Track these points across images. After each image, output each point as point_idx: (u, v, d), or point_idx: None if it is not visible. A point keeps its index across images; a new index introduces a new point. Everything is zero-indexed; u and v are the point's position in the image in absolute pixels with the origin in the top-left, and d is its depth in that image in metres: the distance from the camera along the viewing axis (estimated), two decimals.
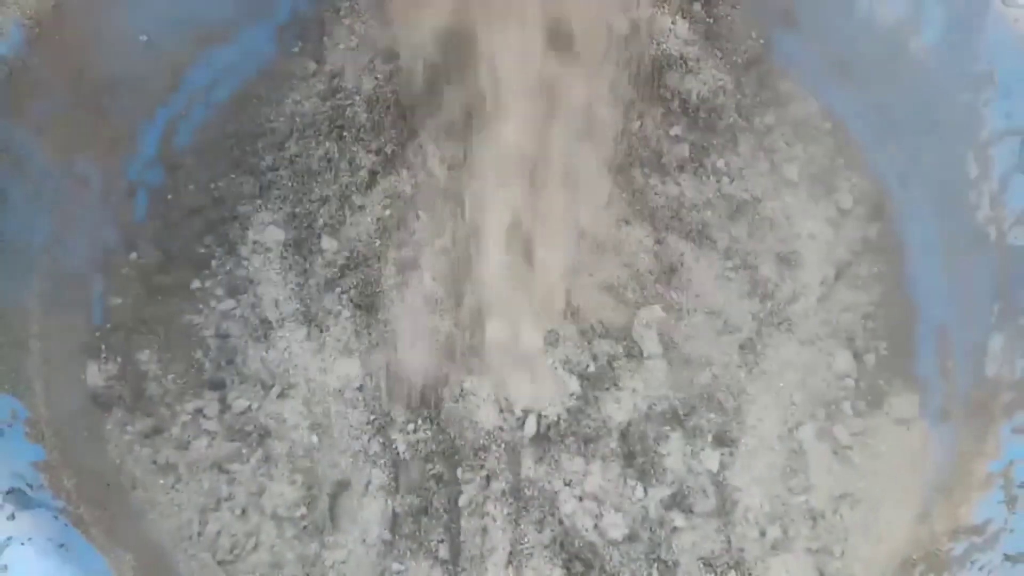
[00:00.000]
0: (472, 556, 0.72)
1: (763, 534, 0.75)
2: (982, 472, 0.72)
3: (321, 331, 0.81)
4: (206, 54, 0.88)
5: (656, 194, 0.89)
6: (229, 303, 0.82)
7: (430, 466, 0.76)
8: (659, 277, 0.85)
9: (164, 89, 0.86)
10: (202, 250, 0.84)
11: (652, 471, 0.76)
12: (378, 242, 0.85)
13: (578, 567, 0.72)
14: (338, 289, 0.83)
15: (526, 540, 0.72)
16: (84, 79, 0.78)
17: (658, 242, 0.86)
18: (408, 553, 0.73)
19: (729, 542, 0.75)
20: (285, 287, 0.83)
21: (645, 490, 0.75)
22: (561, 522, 0.73)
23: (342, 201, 0.87)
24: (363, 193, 0.87)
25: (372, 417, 0.78)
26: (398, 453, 0.76)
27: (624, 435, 0.77)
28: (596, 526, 0.73)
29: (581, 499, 0.74)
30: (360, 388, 0.79)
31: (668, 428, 0.78)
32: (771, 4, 0.93)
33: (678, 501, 0.76)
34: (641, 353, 0.81)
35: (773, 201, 0.90)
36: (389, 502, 0.74)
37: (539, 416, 0.76)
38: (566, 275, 0.82)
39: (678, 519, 0.75)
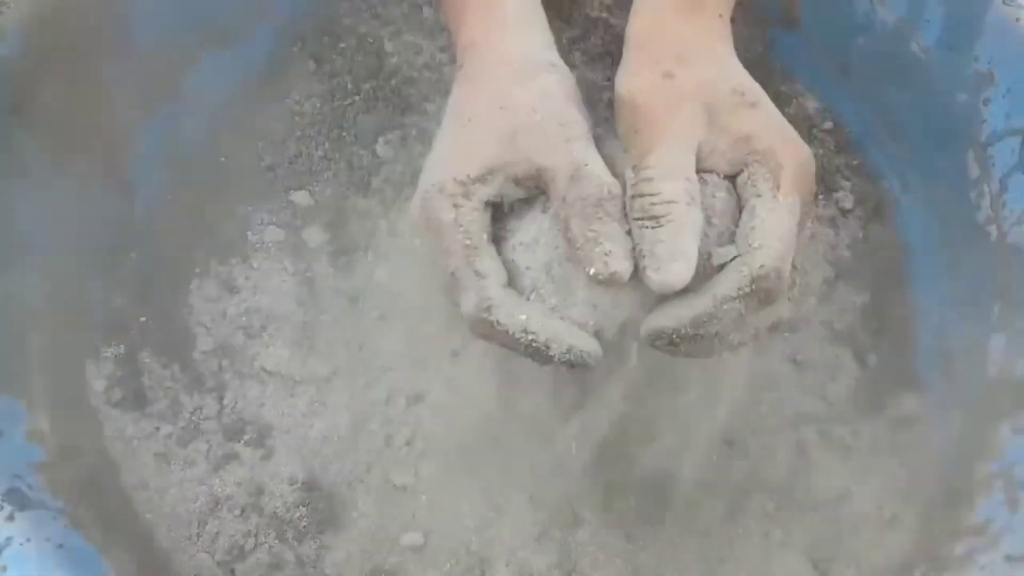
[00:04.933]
0: None
1: (766, 535, 0.75)
2: (983, 472, 0.72)
3: (319, 330, 0.81)
4: (206, 54, 0.88)
5: None
6: (229, 303, 0.82)
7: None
8: None
9: (164, 89, 0.86)
10: (202, 250, 0.84)
11: None
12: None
13: None
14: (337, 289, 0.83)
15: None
16: (85, 80, 0.78)
17: None
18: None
19: (731, 542, 0.75)
20: (284, 287, 0.83)
21: None
22: None
23: (341, 202, 0.87)
24: (363, 194, 0.87)
25: None
26: (397, 452, 0.76)
27: None
28: None
29: None
30: None
31: None
32: (772, 4, 0.93)
33: None
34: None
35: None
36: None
37: None
38: None
39: None
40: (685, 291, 0.54)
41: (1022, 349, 0.74)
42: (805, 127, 0.93)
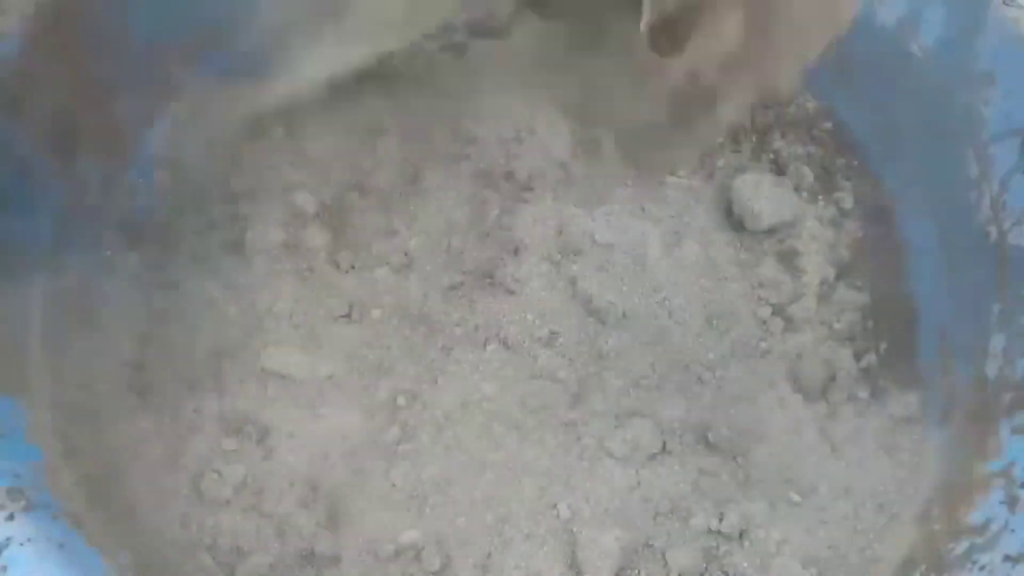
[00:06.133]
0: None
1: (765, 535, 0.75)
2: (982, 472, 0.72)
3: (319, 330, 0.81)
4: (206, 54, 0.88)
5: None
6: (229, 303, 0.82)
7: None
8: None
9: (164, 89, 0.86)
10: (202, 250, 0.84)
11: None
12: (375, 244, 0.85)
13: None
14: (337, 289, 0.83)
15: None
16: (84, 79, 0.78)
17: None
18: None
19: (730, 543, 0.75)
20: (284, 287, 0.83)
21: None
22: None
23: (341, 202, 0.87)
24: (363, 194, 0.87)
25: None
26: (396, 451, 0.76)
27: None
28: None
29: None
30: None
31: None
32: None
33: None
34: None
35: None
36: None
37: None
38: None
39: None
40: None
41: (1022, 349, 0.74)
42: (805, 127, 0.93)
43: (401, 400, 0.78)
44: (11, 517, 0.59)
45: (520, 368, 0.79)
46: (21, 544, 0.58)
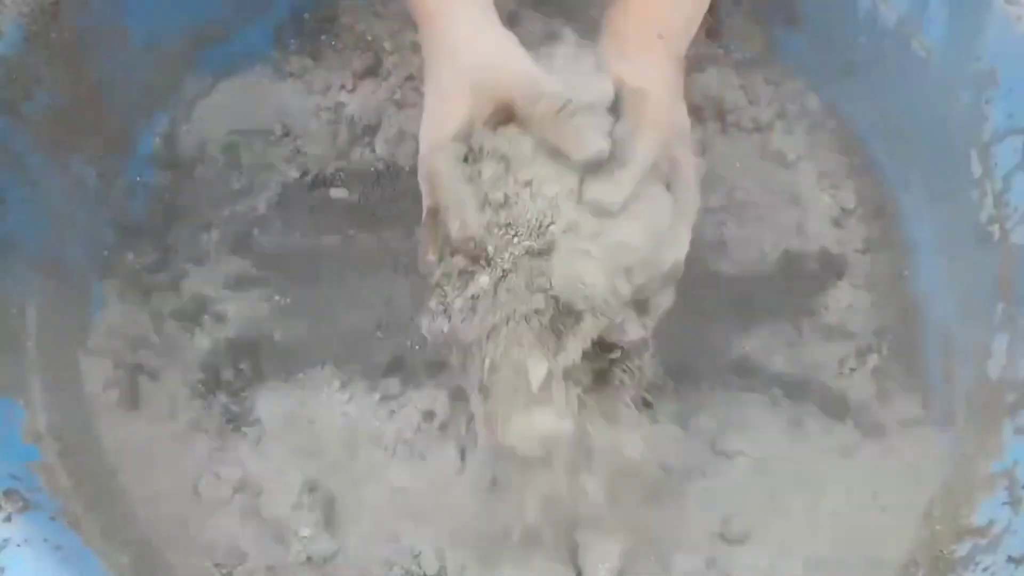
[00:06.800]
0: None
1: (767, 537, 0.75)
2: (985, 473, 0.72)
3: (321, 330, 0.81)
4: (205, 54, 0.88)
5: None
6: (229, 303, 0.82)
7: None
8: None
9: (163, 89, 0.86)
10: (201, 250, 0.84)
11: None
12: None
13: None
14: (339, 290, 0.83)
15: None
16: (83, 79, 0.78)
17: None
18: None
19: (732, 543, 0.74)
20: (285, 286, 0.83)
21: None
22: None
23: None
24: None
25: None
26: (395, 452, 0.76)
27: None
28: None
29: None
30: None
31: None
32: (775, 3, 0.93)
33: None
34: None
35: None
36: None
37: None
38: None
39: None
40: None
41: None
42: (807, 126, 0.93)
43: (401, 400, 0.78)
44: (8, 518, 0.59)
45: None
46: (18, 545, 0.58)
